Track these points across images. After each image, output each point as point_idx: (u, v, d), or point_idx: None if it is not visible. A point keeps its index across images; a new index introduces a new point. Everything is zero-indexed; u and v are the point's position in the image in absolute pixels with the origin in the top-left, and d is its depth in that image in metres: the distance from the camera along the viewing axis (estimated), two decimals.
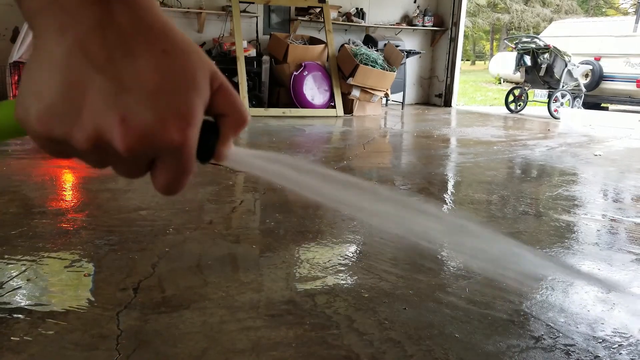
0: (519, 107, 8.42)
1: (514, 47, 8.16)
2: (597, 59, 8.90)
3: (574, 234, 2.57)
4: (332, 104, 6.99)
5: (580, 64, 8.09)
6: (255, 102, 6.75)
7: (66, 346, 1.40)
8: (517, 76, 8.78)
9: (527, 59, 7.85)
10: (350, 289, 1.83)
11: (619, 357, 1.47)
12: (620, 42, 8.75)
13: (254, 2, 6.88)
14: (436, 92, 9.20)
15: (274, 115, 6.62)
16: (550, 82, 7.81)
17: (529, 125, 7.10)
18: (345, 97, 6.99)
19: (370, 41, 7.74)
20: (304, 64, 6.84)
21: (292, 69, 6.81)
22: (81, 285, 1.78)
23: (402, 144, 5.36)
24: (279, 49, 6.95)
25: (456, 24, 8.76)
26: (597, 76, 8.84)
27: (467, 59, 30.14)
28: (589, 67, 8.64)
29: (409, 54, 7.99)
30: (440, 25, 8.83)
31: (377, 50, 7.39)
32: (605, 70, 8.86)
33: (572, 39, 9.22)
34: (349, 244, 2.28)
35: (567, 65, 7.69)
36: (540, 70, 7.74)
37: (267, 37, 7.32)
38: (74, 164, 3.36)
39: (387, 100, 8.35)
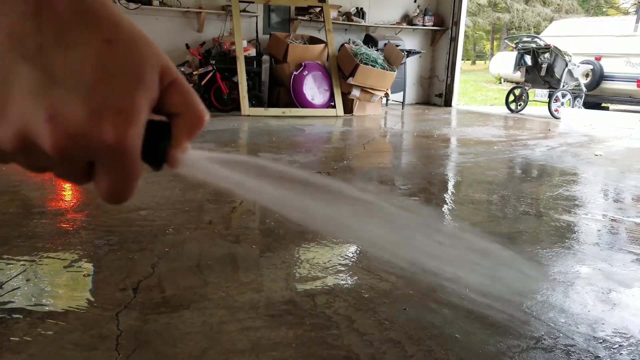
0: (520, 106, 8.42)
1: (515, 46, 8.15)
2: (598, 58, 8.89)
3: (575, 234, 2.56)
4: (332, 103, 6.99)
5: (580, 63, 8.08)
6: (255, 101, 6.75)
7: (66, 346, 1.40)
8: (517, 76, 8.78)
9: (528, 59, 7.85)
10: (350, 289, 1.83)
11: (620, 357, 1.46)
12: (620, 42, 8.75)
13: (253, 2, 6.88)
14: (436, 92, 9.20)
15: (273, 115, 6.61)
16: (550, 81, 7.80)
17: (529, 125, 7.10)
18: (345, 96, 6.99)
19: (370, 41, 7.74)
20: (303, 64, 6.83)
21: (292, 69, 6.81)
22: (81, 285, 1.78)
23: (402, 144, 5.35)
24: (278, 49, 6.94)
25: (456, 24, 8.75)
26: (597, 76, 8.83)
27: (468, 59, 30.14)
28: (590, 66, 8.64)
29: (409, 53, 7.98)
30: (440, 24, 8.83)
31: (377, 49, 7.38)
32: (605, 70, 8.86)
33: (572, 38, 9.21)
34: (349, 244, 2.28)
35: (567, 65, 7.69)
36: (540, 70, 7.74)
37: (267, 36, 7.32)
38: None
39: (387, 100, 8.35)
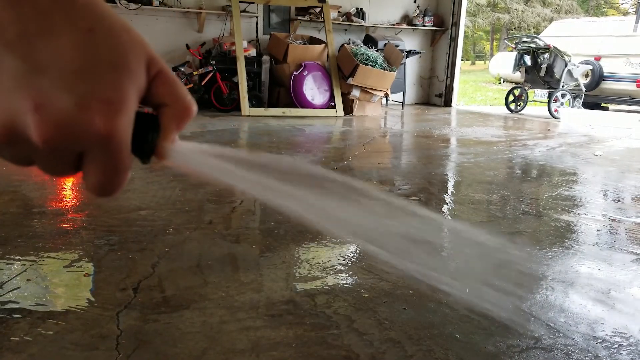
0: (519, 107, 8.42)
1: (514, 47, 8.16)
2: (597, 58, 8.89)
3: (574, 234, 2.57)
4: (332, 104, 6.99)
5: (580, 63, 8.08)
6: (255, 102, 6.75)
7: (66, 346, 1.40)
8: (517, 76, 8.78)
9: (527, 59, 7.85)
10: (350, 289, 1.83)
11: (619, 357, 1.47)
12: (620, 42, 8.75)
13: (254, 2, 6.89)
14: (436, 92, 9.20)
15: (274, 115, 6.62)
16: (550, 82, 7.81)
17: (529, 125, 7.10)
18: (345, 97, 6.99)
19: (370, 41, 7.74)
20: (304, 64, 6.84)
21: (292, 69, 6.81)
22: (81, 285, 1.78)
23: (402, 144, 5.35)
24: (279, 49, 6.95)
25: (456, 24, 8.75)
26: (597, 76, 8.83)
27: (467, 59, 30.14)
28: (589, 67, 8.64)
29: (409, 53, 7.99)
30: (440, 25, 8.83)
31: (377, 50, 7.39)
32: (605, 70, 8.86)
33: (572, 38, 9.21)
34: (349, 244, 2.28)
35: (567, 65, 7.69)
36: (540, 70, 7.74)
37: (267, 37, 7.32)
38: None
39: (387, 100, 8.35)
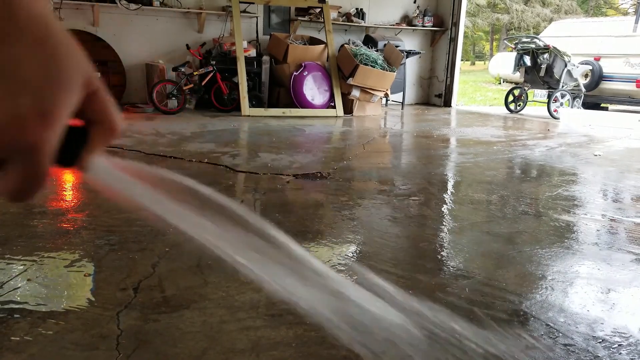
0: (519, 107, 8.42)
1: (514, 47, 8.16)
2: (597, 59, 8.89)
3: (574, 234, 2.57)
4: (332, 104, 7.00)
5: (580, 64, 8.09)
6: (255, 102, 6.75)
7: (66, 346, 1.40)
8: (516, 76, 8.78)
9: (527, 59, 7.86)
10: None
11: (619, 357, 1.47)
12: (619, 42, 8.75)
13: (254, 2, 6.89)
14: (436, 92, 9.20)
15: (274, 115, 6.62)
16: (550, 82, 7.81)
17: (528, 125, 7.10)
18: (345, 97, 6.99)
19: (370, 41, 7.74)
20: (304, 64, 6.84)
21: (292, 69, 6.82)
22: (81, 285, 1.78)
23: (402, 144, 5.36)
24: (279, 49, 6.95)
25: (456, 24, 8.76)
26: (596, 76, 8.84)
27: (467, 59, 30.15)
28: (589, 67, 8.65)
29: (409, 54, 7.99)
30: (440, 25, 8.84)
31: (377, 50, 7.39)
32: (604, 70, 8.86)
33: (572, 39, 9.21)
34: (349, 244, 2.28)
35: (566, 65, 7.70)
36: (540, 70, 7.75)
37: (267, 37, 7.33)
38: None
39: (387, 100, 8.36)
